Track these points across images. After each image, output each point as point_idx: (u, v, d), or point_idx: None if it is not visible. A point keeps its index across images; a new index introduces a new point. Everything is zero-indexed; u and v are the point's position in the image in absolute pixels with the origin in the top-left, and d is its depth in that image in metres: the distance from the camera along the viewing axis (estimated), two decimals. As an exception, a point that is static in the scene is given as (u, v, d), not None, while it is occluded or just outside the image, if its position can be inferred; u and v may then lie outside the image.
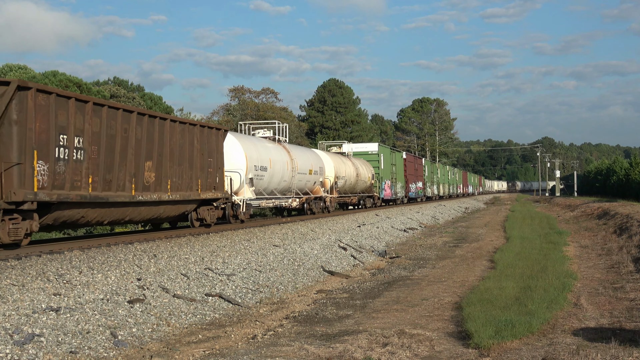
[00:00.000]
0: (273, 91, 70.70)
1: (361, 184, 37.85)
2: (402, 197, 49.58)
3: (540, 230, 28.52)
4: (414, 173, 55.32)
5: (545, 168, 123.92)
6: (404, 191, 50.18)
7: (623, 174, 59.24)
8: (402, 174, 49.73)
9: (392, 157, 46.09)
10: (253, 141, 24.47)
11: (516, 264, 16.40)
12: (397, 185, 47.52)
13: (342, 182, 34.08)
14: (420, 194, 58.15)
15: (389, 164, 44.67)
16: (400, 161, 49.22)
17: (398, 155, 49.18)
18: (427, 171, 63.34)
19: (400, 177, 48.94)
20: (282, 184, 26.46)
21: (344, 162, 34.96)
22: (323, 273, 16.34)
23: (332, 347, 8.73)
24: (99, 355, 8.21)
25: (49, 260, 11.63)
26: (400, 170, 48.93)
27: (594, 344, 8.62)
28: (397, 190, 47.43)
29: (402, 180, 49.45)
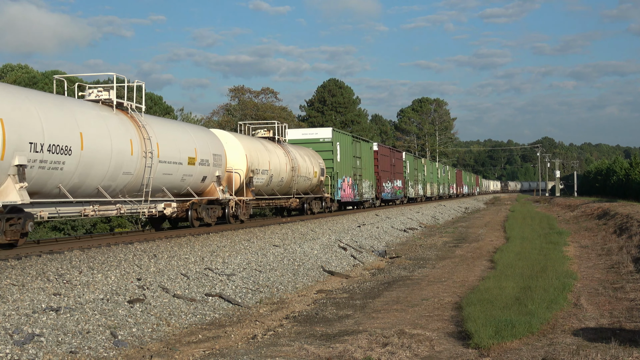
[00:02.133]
0: (273, 91, 70.80)
1: (302, 182, 28.05)
2: (370, 198, 39.48)
3: (540, 231, 28.52)
4: (390, 169, 45.43)
5: (545, 168, 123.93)
6: (373, 191, 40.24)
7: (623, 174, 59.23)
8: (371, 169, 39.83)
9: (355, 148, 36.18)
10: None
11: (516, 264, 16.40)
12: (364, 184, 37.61)
13: (262, 178, 23.88)
14: (399, 194, 48.46)
15: (349, 157, 34.77)
16: (368, 154, 39.46)
17: (365, 146, 39.11)
18: (409, 167, 53.69)
19: (369, 174, 39.11)
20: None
21: (268, 151, 24.80)
22: (323, 273, 16.34)
23: (332, 347, 8.73)
24: (99, 355, 8.21)
25: (49, 260, 11.63)
26: (368, 165, 39.12)
27: (594, 344, 8.62)
28: (364, 190, 37.48)
29: (371, 178, 39.47)
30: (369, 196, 38.69)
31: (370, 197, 39.39)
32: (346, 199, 33.59)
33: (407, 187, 51.94)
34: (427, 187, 62.92)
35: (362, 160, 37.37)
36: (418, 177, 57.73)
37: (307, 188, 29.04)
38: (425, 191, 61.25)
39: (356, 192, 35.53)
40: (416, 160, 57.99)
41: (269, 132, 26.96)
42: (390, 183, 45.11)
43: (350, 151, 34.90)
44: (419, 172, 58.73)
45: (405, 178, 51.16)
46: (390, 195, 45.21)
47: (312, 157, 29.65)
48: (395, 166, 47.11)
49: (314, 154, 30.30)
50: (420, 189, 58.78)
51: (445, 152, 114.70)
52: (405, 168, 51.60)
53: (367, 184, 38.38)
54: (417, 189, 57.06)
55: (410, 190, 53.59)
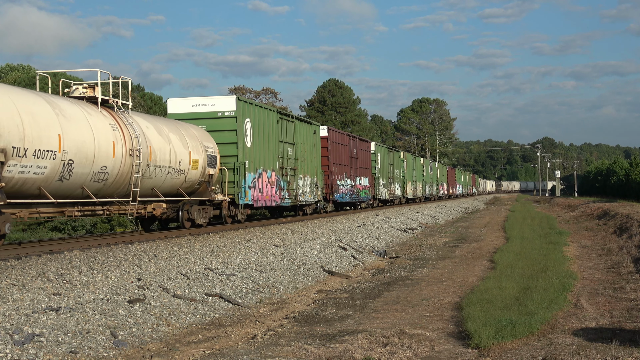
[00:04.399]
0: (273, 91, 70.84)
1: (162, 176, 17.35)
2: (314, 201, 28.75)
3: (540, 231, 28.52)
4: (350, 163, 34.78)
5: (545, 168, 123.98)
6: (319, 191, 29.32)
7: (623, 174, 59.22)
8: (316, 162, 29.15)
9: (283, 130, 25.10)
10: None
11: (516, 264, 16.41)
12: (301, 182, 26.78)
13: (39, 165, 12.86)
14: (365, 196, 37.86)
15: (271, 141, 23.78)
16: (311, 140, 28.49)
17: (304, 128, 27.84)
18: (382, 162, 42.96)
19: (312, 168, 28.40)
20: None
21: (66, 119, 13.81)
22: (323, 273, 16.35)
23: (332, 347, 8.73)
24: (99, 355, 8.21)
25: (49, 260, 11.63)
26: (311, 155, 28.45)
27: (594, 344, 8.63)
28: (301, 190, 26.73)
29: (315, 174, 28.80)
30: (311, 198, 27.98)
31: (314, 200, 28.55)
32: (263, 202, 22.62)
33: (378, 187, 41.43)
34: (408, 187, 52.77)
35: (298, 148, 26.51)
36: (395, 174, 47.48)
37: (178, 186, 18.29)
38: (405, 191, 50.97)
39: (285, 192, 24.70)
40: (391, 154, 47.22)
41: (91, 91, 15.87)
42: (350, 181, 34.58)
43: (273, 133, 24.02)
44: (396, 169, 48.19)
45: (375, 175, 41.01)
46: (350, 197, 34.49)
47: (192, 138, 19.03)
48: (359, 159, 36.94)
49: (198, 135, 19.65)
50: (398, 188, 48.47)
51: (445, 153, 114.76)
52: (375, 162, 41.13)
53: (308, 182, 27.79)
54: (393, 189, 46.53)
55: (382, 191, 42.91)
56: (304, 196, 27.28)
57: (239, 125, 21.38)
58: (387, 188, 44.69)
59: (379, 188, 41.82)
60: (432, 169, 67.06)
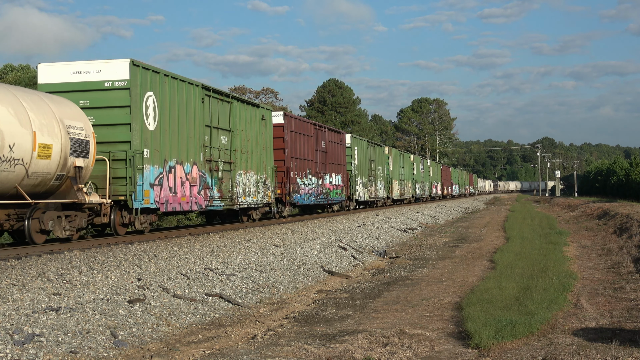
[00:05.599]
0: (273, 91, 70.98)
1: None
2: (260, 203, 23.20)
3: (540, 231, 28.52)
4: (317, 158, 29.65)
5: (545, 168, 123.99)
6: (269, 191, 24.12)
7: (623, 174, 59.24)
8: (266, 155, 23.87)
9: (210, 111, 19.52)
10: None
11: (516, 264, 16.41)
12: (242, 179, 21.57)
13: None
14: (336, 197, 32.64)
15: (194, 126, 18.54)
16: (258, 127, 23.28)
17: (250, 112, 22.59)
18: (360, 158, 37.68)
19: (259, 163, 23.24)
20: None
21: None
22: (323, 273, 16.35)
23: (332, 347, 8.73)
24: (99, 355, 8.21)
25: (49, 260, 11.64)
26: (259, 146, 23.27)
27: (594, 344, 8.63)
28: (239, 190, 21.20)
29: (263, 170, 23.48)
30: (257, 200, 22.70)
31: (262, 202, 23.26)
32: (176, 206, 17.18)
33: (354, 186, 35.85)
34: (394, 186, 46.77)
35: (236, 136, 21.07)
36: (377, 171, 41.65)
37: (15, 183, 12.91)
38: (389, 191, 45.28)
39: (214, 192, 19.36)
40: (372, 149, 41.38)
41: None
42: (316, 179, 29.19)
43: (196, 115, 18.39)
44: (379, 166, 42.29)
45: (352, 172, 35.60)
46: (316, 198, 29.14)
47: (42, 114, 13.50)
48: (329, 154, 31.71)
49: (56, 110, 14.03)
50: (381, 188, 42.60)
51: (445, 152, 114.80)
52: (351, 158, 35.79)
53: (253, 179, 22.38)
54: (375, 189, 40.78)
55: (360, 191, 37.17)
56: (246, 197, 21.58)
57: (135, 100, 15.61)
58: (367, 188, 38.87)
59: (355, 188, 36.14)
60: (424, 167, 61.58)
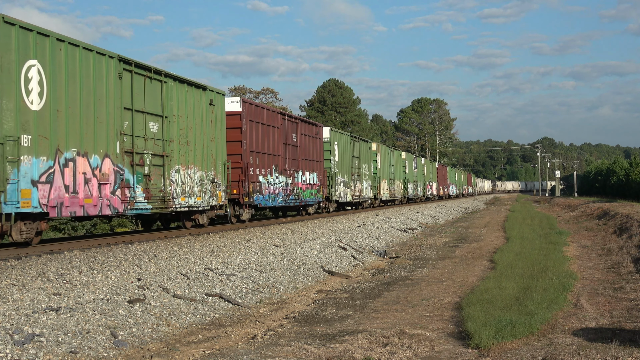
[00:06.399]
0: (273, 91, 70.96)
1: None
2: (206, 205, 19.37)
3: (540, 231, 28.52)
4: (286, 153, 25.79)
5: (545, 168, 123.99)
6: (220, 191, 20.21)
7: (623, 174, 59.24)
8: (215, 148, 19.98)
9: (132, 91, 15.72)
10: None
11: (516, 264, 16.41)
12: (179, 176, 17.70)
13: None
14: (312, 197, 28.68)
15: (106, 107, 14.70)
16: (204, 114, 19.47)
17: (193, 95, 18.83)
18: (341, 154, 33.60)
19: (206, 157, 19.43)
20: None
21: None
22: (323, 273, 16.35)
23: (332, 347, 8.73)
24: (99, 355, 8.21)
25: (49, 260, 11.64)
26: (206, 137, 19.49)
27: (594, 344, 8.63)
28: (175, 189, 17.44)
29: (210, 165, 19.69)
30: (201, 201, 18.91)
31: (208, 203, 19.38)
32: (77, 209, 13.61)
33: (334, 185, 31.97)
34: (383, 186, 42.85)
35: (172, 124, 17.42)
36: (362, 170, 37.64)
37: None
38: (377, 191, 41.37)
39: (137, 192, 15.72)
40: (357, 144, 37.10)
41: None
42: (285, 177, 25.34)
43: (109, 94, 14.86)
44: (364, 163, 38.39)
45: (331, 170, 31.71)
46: (284, 199, 25.17)
47: None
48: (302, 148, 27.76)
49: None
50: (367, 188, 38.71)
51: (445, 152, 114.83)
52: (330, 154, 31.85)
53: (196, 177, 18.73)
54: (359, 189, 36.86)
55: (341, 191, 33.40)
56: (186, 198, 17.93)
57: (6, 68, 12.00)
58: (350, 187, 34.90)
59: (335, 187, 32.21)
60: (417, 165, 57.54)
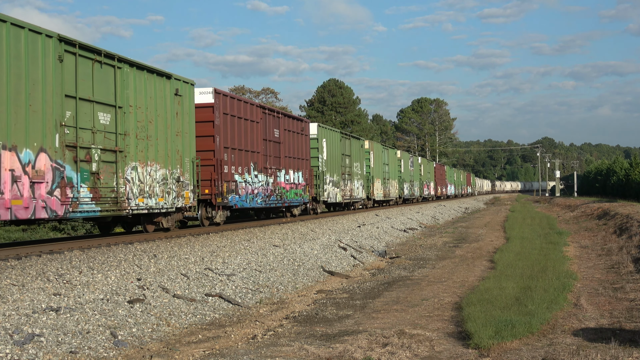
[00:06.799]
0: (273, 91, 70.94)
1: None
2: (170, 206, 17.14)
3: (540, 231, 28.52)
4: (267, 150, 23.91)
5: (545, 168, 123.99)
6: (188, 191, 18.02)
7: (623, 174, 59.22)
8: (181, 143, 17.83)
9: (75, 76, 13.50)
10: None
11: (516, 264, 16.41)
12: (136, 174, 15.53)
13: None
14: (297, 198, 26.86)
15: (39, 94, 12.43)
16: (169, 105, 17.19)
17: (155, 83, 16.49)
18: (330, 152, 31.67)
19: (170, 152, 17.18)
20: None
21: None
22: (323, 273, 16.35)
23: (332, 347, 8.73)
24: (99, 355, 8.21)
25: (49, 260, 11.64)
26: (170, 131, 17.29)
27: (594, 344, 8.63)
28: (131, 189, 15.32)
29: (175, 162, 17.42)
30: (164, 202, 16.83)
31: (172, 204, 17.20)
32: (1, 213, 11.38)
33: (321, 185, 30.20)
34: (376, 186, 41.16)
35: (129, 114, 15.42)
36: (353, 168, 36.00)
37: None
38: (370, 191, 39.74)
39: (83, 192, 13.70)
40: (347, 142, 35.27)
41: None
42: (265, 176, 23.57)
43: (45, 76, 12.70)
44: (356, 162, 36.80)
45: (318, 169, 29.99)
46: (264, 200, 23.35)
47: None
48: (286, 145, 25.92)
49: None
50: (359, 187, 37.14)
51: (445, 152, 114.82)
52: (318, 152, 30.11)
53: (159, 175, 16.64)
54: (350, 189, 35.21)
55: (330, 191, 31.57)
56: (145, 199, 15.90)
57: None
58: (340, 187, 33.12)
59: (323, 187, 30.35)
60: (414, 164, 55.65)
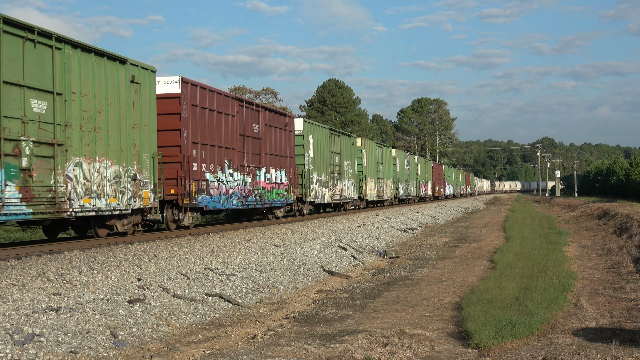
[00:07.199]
0: (273, 91, 71.02)
1: None
2: (121, 209, 15.30)
3: (540, 231, 28.52)
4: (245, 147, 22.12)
5: (545, 168, 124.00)
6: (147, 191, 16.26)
7: (623, 174, 59.22)
8: (139, 137, 16.06)
9: None
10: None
11: (516, 264, 16.41)
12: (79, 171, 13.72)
13: None
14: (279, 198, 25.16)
15: None
16: (123, 93, 15.32)
17: (105, 68, 14.64)
18: (317, 150, 29.83)
19: (124, 147, 15.36)
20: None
21: None
22: (323, 273, 16.35)
23: (332, 347, 8.73)
24: (99, 355, 8.22)
25: (49, 260, 11.64)
26: (125, 123, 15.44)
27: (594, 344, 8.63)
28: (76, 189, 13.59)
29: (131, 159, 15.65)
30: (117, 203, 15.14)
31: (126, 207, 15.48)
32: None
33: (308, 185, 28.23)
34: (369, 186, 39.27)
35: (72, 102, 13.72)
36: (344, 167, 34.12)
37: None
38: (362, 191, 37.98)
39: (13, 192, 11.94)
40: (337, 138, 33.15)
41: None
42: (241, 175, 21.71)
43: None
44: (346, 160, 34.91)
45: (304, 167, 28.04)
46: (239, 201, 21.43)
47: None
48: (267, 141, 24.08)
49: None
50: (350, 187, 35.38)
51: (445, 152, 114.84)
52: (304, 149, 28.18)
53: (110, 172, 14.95)
54: (340, 189, 33.32)
55: (318, 191, 29.60)
56: (93, 200, 14.15)
57: None
58: (328, 187, 31.21)
59: (310, 187, 28.43)
60: (410, 163, 53.20)
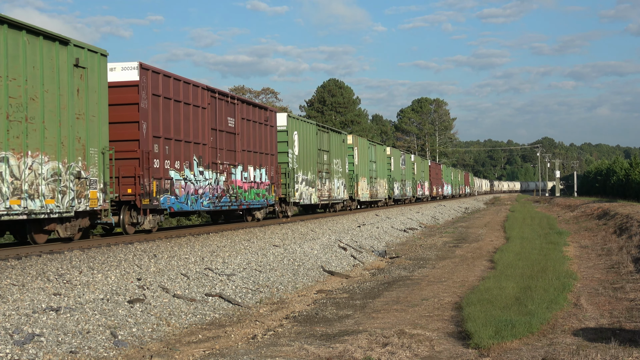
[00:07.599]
0: (273, 91, 70.99)
1: None
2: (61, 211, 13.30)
3: (540, 231, 28.52)
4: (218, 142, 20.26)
5: (545, 168, 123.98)
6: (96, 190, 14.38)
7: (623, 174, 59.23)
8: (85, 130, 14.09)
9: None
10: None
11: (516, 264, 16.41)
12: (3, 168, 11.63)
13: None
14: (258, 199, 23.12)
15: None
16: (64, 79, 13.26)
17: (36, 46, 12.55)
18: (303, 147, 28.00)
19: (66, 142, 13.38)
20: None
21: None
22: (323, 273, 16.35)
23: (332, 347, 8.73)
24: (99, 355, 8.22)
25: (49, 260, 11.64)
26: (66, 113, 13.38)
27: (594, 344, 8.63)
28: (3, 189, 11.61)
29: (80, 156, 13.90)
30: (55, 205, 13.12)
31: (67, 208, 13.45)
32: None
33: (292, 184, 26.28)
34: (361, 185, 37.45)
35: None
36: (333, 165, 32.40)
37: None
38: (354, 191, 36.12)
39: None
40: (325, 135, 31.50)
41: None
42: (214, 173, 19.94)
43: None
44: (336, 158, 33.15)
45: (289, 166, 26.23)
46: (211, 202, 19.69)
47: None
48: (244, 137, 22.17)
49: None
50: (340, 187, 33.65)
51: (445, 152, 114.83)
52: (288, 146, 26.34)
53: (47, 169, 12.89)
54: (329, 189, 31.60)
55: (303, 191, 27.81)
56: (24, 201, 12.29)
57: None
58: (315, 187, 29.19)
59: (294, 187, 26.56)
60: (406, 162, 51.55)
